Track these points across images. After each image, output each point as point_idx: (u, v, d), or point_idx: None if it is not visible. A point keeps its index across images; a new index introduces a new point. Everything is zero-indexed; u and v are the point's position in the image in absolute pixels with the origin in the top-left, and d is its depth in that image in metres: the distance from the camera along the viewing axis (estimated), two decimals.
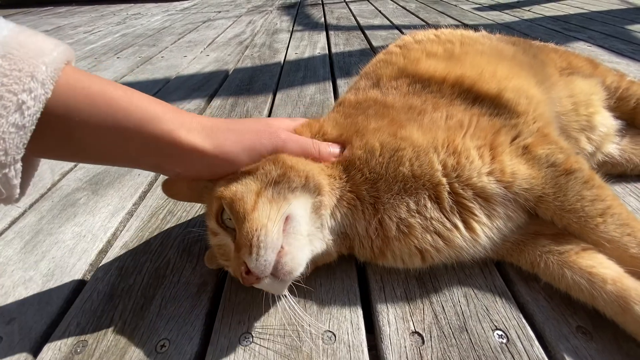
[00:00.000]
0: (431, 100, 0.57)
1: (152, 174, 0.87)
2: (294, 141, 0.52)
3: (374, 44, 1.87)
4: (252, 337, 0.49)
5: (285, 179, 0.47)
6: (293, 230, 0.46)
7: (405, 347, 0.46)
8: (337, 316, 0.50)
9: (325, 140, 0.55)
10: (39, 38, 0.38)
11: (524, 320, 0.48)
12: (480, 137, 0.51)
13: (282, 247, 0.44)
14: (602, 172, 0.74)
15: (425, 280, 0.55)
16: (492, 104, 0.58)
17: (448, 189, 0.49)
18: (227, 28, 2.56)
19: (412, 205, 0.49)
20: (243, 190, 0.47)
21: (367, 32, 2.13)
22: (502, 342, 0.45)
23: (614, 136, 0.74)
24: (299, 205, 0.48)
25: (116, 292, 0.57)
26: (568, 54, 0.83)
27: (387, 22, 2.35)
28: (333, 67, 1.57)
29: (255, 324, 0.50)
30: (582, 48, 1.62)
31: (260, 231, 0.42)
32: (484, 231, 0.50)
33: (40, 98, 0.36)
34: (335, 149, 0.54)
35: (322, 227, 0.50)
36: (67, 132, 0.41)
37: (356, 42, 1.93)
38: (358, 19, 2.51)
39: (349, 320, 0.50)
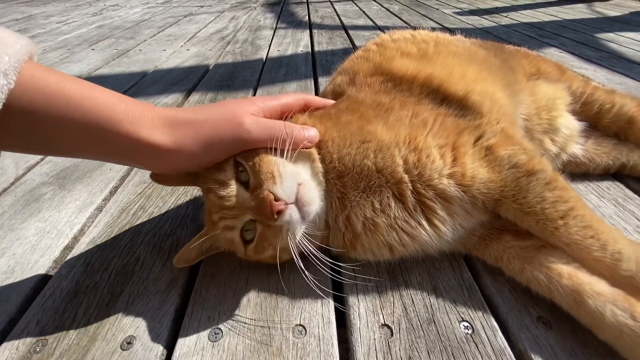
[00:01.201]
0: (400, 98, 0.58)
1: (124, 169, 0.85)
2: (260, 129, 0.47)
3: (357, 43, 1.88)
4: (222, 332, 0.48)
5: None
6: (301, 179, 0.48)
7: (374, 339, 0.46)
8: (309, 310, 0.50)
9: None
10: (0, 30, 0.36)
11: (489, 312, 0.49)
12: (443, 137, 0.51)
13: (297, 183, 0.47)
14: (567, 172, 0.79)
15: (396, 273, 0.56)
16: (459, 105, 0.59)
17: (411, 187, 0.50)
18: (209, 23, 2.52)
19: (377, 205, 0.50)
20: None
21: (350, 31, 2.14)
22: (467, 333, 0.47)
23: (578, 137, 0.77)
24: (302, 167, 0.51)
25: (81, 289, 0.55)
26: (538, 59, 0.86)
27: (371, 23, 2.38)
28: (315, 65, 1.57)
29: (226, 319, 0.50)
30: (554, 54, 1.69)
31: (279, 166, 0.47)
32: (447, 228, 0.51)
33: (2, 89, 0.34)
34: (311, 132, 0.51)
35: (320, 187, 0.51)
36: (29, 126, 0.39)
37: (339, 42, 1.94)
38: (342, 18, 2.53)
39: (320, 314, 0.50)
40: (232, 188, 0.48)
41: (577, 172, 0.79)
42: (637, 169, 0.77)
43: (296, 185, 0.46)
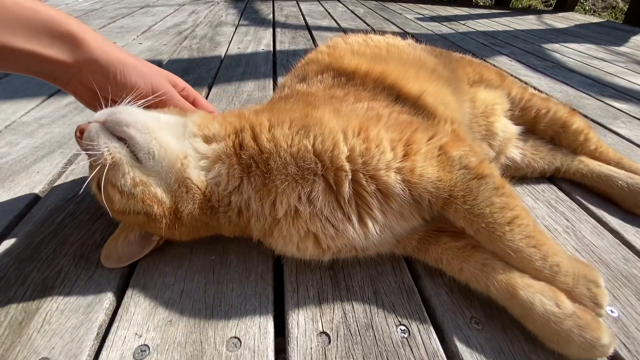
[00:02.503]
0: (354, 92, 0.58)
1: (54, 172, 0.77)
2: (174, 97, 0.59)
3: (320, 44, 1.87)
4: (149, 349, 0.45)
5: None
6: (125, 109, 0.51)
7: (311, 348, 0.45)
8: (246, 321, 0.48)
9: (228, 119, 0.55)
10: None
11: (425, 314, 0.50)
12: (397, 131, 0.50)
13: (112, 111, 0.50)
14: (507, 176, 0.83)
15: (339, 279, 0.55)
16: (413, 104, 0.60)
17: (350, 177, 0.48)
18: (166, 16, 2.40)
19: (304, 196, 0.48)
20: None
21: (314, 32, 2.14)
22: (403, 337, 0.47)
23: (516, 141, 0.81)
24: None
25: None
26: (481, 67, 0.90)
27: (335, 25, 2.38)
28: (276, 65, 1.54)
29: (155, 335, 0.46)
30: (504, 62, 1.79)
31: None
32: (375, 228, 0.50)
33: None
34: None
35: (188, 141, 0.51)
36: None
37: (302, 42, 1.92)
38: (307, 18, 2.52)
39: (257, 325, 0.48)
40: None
41: (516, 175, 0.83)
42: (569, 172, 0.82)
43: (111, 110, 0.49)
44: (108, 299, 0.51)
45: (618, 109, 1.27)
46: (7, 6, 0.47)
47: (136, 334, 0.46)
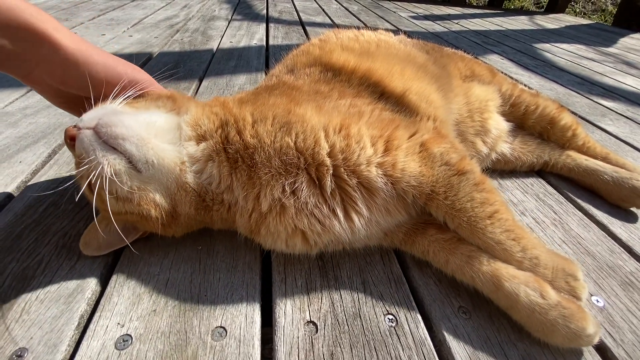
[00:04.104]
0: (339, 88, 0.58)
1: (38, 161, 0.75)
2: (153, 86, 0.57)
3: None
4: (132, 339, 0.44)
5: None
6: (113, 109, 0.49)
7: (298, 337, 0.45)
8: (232, 311, 0.48)
9: (214, 110, 0.53)
10: None
11: (414, 303, 0.50)
12: (378, 128, 0.51)
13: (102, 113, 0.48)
14: (497, 169, 0.83)
15: (327, 269, 0.55)
16: (396, 102, 0.60)
17: (332, 171, 0.48)
18: (158, 9, 2.36)
19: (287, 188, 0.47)
20: None
21: (307, 28, 2.13)
22: (391, 326, 0.47)
23: (506, 136, 0.82)
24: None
25: None
26: (472, 62, 0.90)
27: (329, 21, 2.38)
28: (268, 60, 1.53)
29: (138, 325, 0.45)
30: (496, 60, 1.80)
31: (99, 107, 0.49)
32: (361, 223, 0.50)
33: None
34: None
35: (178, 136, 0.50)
36: None
37: (295, 37, 1.91)
38: (301, 14, 2.50)
39: (243, 315, 0.47)
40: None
41: (506, 169, 0.84)
42: (557, 167, 0.83)
43: (100, 113, 0.47)
44: (90, 288, 0.50)
45: (606, 107, 1.29)
46: None
47: (118, 323, 0.45)
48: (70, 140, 0.46)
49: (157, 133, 0.48)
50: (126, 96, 0.51)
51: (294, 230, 0.49)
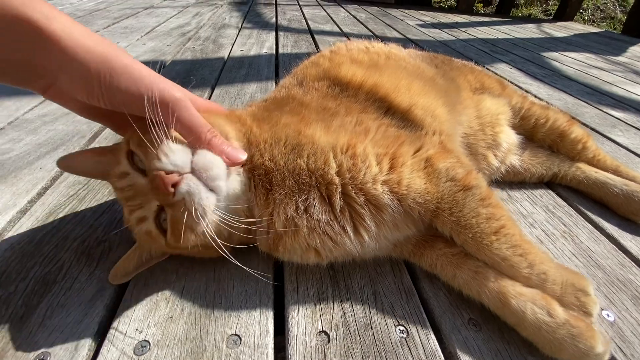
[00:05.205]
0: (345, 104, 0.59)
1: (56, 168, 0.77)
2: (188, 110, 0.45)
3: (322, 48, 1.89)
4: (150, 345, 0.45)
5: None
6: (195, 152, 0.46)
7: (311, 347, 0.46)
8: (246, 319, 0.49)
9: (241, 129, 0.53)
10: None
11: (424, 315, 0.51)
12: (383, 146, 0.52)
13: (191, 154, 0.45)
14: (506, 180, 0.84)
15: (338, 279, 0.56)
16: (402, 117, 0.61)
17: (341, 189, 0.49)
18: (170, 17, 2.42)
19: (301, 205, 0.49)
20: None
21: (316, 36, 2.16)
22: (402, 337, 0.47)
23: (516, 149, 0.82)
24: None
25: None
26: (482, 75, 0.91)
27: (337, 29, 2.41)
28: (278, 68, 1.56)
29: (155, 331, 0.47)
30: (504, 69, 1.81)
31: (167, 145, 0.44)
32: (370, 238, 0.51)
33: None
34: (237, 153, 0.47)
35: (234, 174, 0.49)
36: None
37: (304, 45, 1.94)
38: (309, 22, 2.54)
39: (257, 323, 0.48)
40: (129, 177, 0.47)
41: (515, 180, 0.84)
42: (567, 178, 0.83)
43: (189, 156, 0.44)
44: (109, 295, 0.51)
45: (616, 118, 1.29)
46: None
47: (137, 329, 0.47)
48: (172, 186, 0.42)
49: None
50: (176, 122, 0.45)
51: (307, 247, 0.50)
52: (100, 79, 0.41)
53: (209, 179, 0.44)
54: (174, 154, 0.44)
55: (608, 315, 0.53)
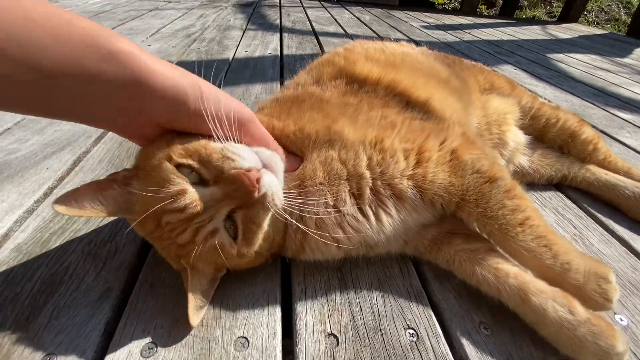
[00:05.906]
0: (367, 99, 0.59)
1: (63, 169, 0.78)
2: (259, 126, 0.49)
3: (326, 50, 1.89)
4: (157, 347, 0.44)
5: None
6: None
7: (319, 350, 0.45)
8: (254, 321, 0.48)
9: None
10: None
11: (434, 318, 0.50)
12: (410, 140, 0.52)
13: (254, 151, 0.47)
14: (516, 179, 0.83)
15: (347, 281, 0.55)
16: (422, 110, 0.61)
17: (370, 184, 0.50)
18: (175, 19, 2.43)
19: (330, 201, 0.49)
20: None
21: (320, 38, 2.16)
22: (412, 341, 0.47)
23: (524, 149, 0.82)
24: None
25: None
26: (492, 74, 0.90)
27: (341, 31, 2.41)
28: (283, 69, 1.55)
29: (162, 333, 0.46)
30: (509, 70, 1.80)
31: (228, 147, 0.44)
32: (389, 221, 0.51)
33: None
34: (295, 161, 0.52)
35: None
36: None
37: (309, 47, 1.94)
38: (313, 24, 2.54)
39: (265, 325, 0.48)
40: (192, 192, 0.42)
41: (523, 181, 0.83)
42: (576, 180, 0.82)
43: (254, 152, 0.46)
44: (116, 295, 0.51)
45: (623, 119, 1.27)
46: (34, 18, 0.33)
47: (144, 331, 0.46)
48: (257, 182, 0.42)
49: None
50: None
51: (331, 240, 0.50)
52: (196, 101, 0.43)
53: (277, 171, 0.46)
54: (245, 153, 0.44)
55: (621, 320, 0.52)
